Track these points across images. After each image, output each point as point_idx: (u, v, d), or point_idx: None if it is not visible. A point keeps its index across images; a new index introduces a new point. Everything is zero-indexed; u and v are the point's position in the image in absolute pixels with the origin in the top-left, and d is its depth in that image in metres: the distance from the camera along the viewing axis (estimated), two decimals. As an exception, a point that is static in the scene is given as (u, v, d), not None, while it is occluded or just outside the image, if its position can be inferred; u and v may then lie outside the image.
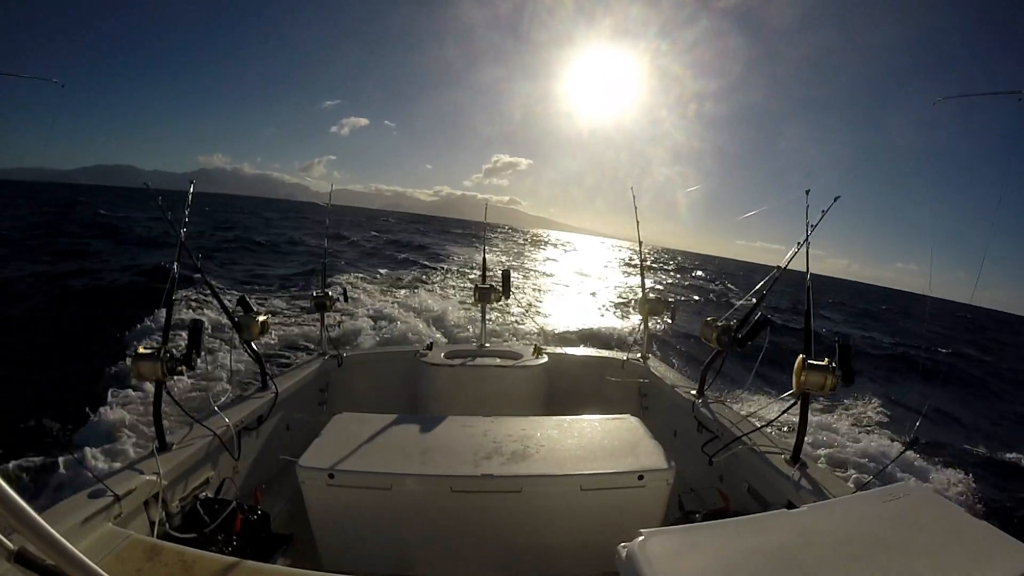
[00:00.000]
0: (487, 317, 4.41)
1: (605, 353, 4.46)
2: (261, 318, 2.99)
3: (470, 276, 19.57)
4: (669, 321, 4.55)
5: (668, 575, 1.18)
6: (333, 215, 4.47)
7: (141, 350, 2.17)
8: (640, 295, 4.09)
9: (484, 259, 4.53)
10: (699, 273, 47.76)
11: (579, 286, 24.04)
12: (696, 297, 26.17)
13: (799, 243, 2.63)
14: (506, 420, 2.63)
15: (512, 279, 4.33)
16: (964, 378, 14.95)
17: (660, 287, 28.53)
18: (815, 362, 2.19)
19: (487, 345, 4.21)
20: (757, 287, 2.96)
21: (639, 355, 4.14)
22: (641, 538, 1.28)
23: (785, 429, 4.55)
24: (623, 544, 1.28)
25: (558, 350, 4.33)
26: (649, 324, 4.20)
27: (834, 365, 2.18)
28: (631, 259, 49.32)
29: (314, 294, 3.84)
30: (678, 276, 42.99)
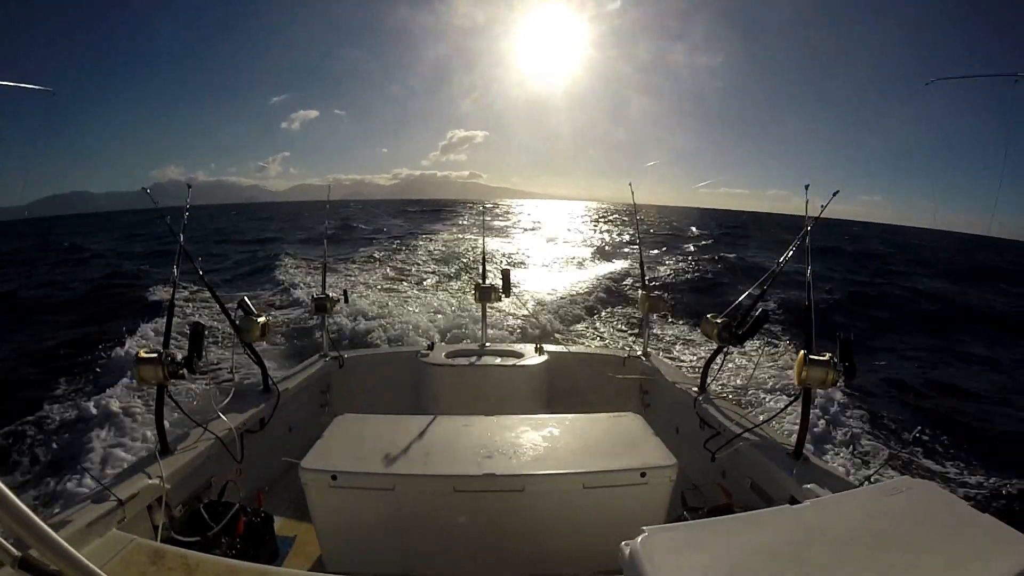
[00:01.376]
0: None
1: (606, 351, 4.46)
2: (261, 320, 2.99)
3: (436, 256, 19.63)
4: (669, 318, 4.55)
5: (671, 572, 1.18)
6: (292, 211, 4.45)
7: (142, 354, 2.17)
8: (641, 293, 4.09)
9: (484, 258, 4.52)
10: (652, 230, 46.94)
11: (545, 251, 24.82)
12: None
13: (799, 237, 2.63)
14: (508, 419, 2.63)
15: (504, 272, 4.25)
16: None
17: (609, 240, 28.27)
18: (816, 357, 2.19)
19: (488, 344, 4.20)
20: (756, 283, 2.96)
21: (640, 352, 4.13)
22: (644, 535, 1.27)
23: (787, 420, 4.55)
24: (626, 541, 1.28)
25: (559, 348, 4.32)
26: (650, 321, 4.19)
27: (835, 360, 2.18)
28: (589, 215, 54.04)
29: (313, 296, 3.83)
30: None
